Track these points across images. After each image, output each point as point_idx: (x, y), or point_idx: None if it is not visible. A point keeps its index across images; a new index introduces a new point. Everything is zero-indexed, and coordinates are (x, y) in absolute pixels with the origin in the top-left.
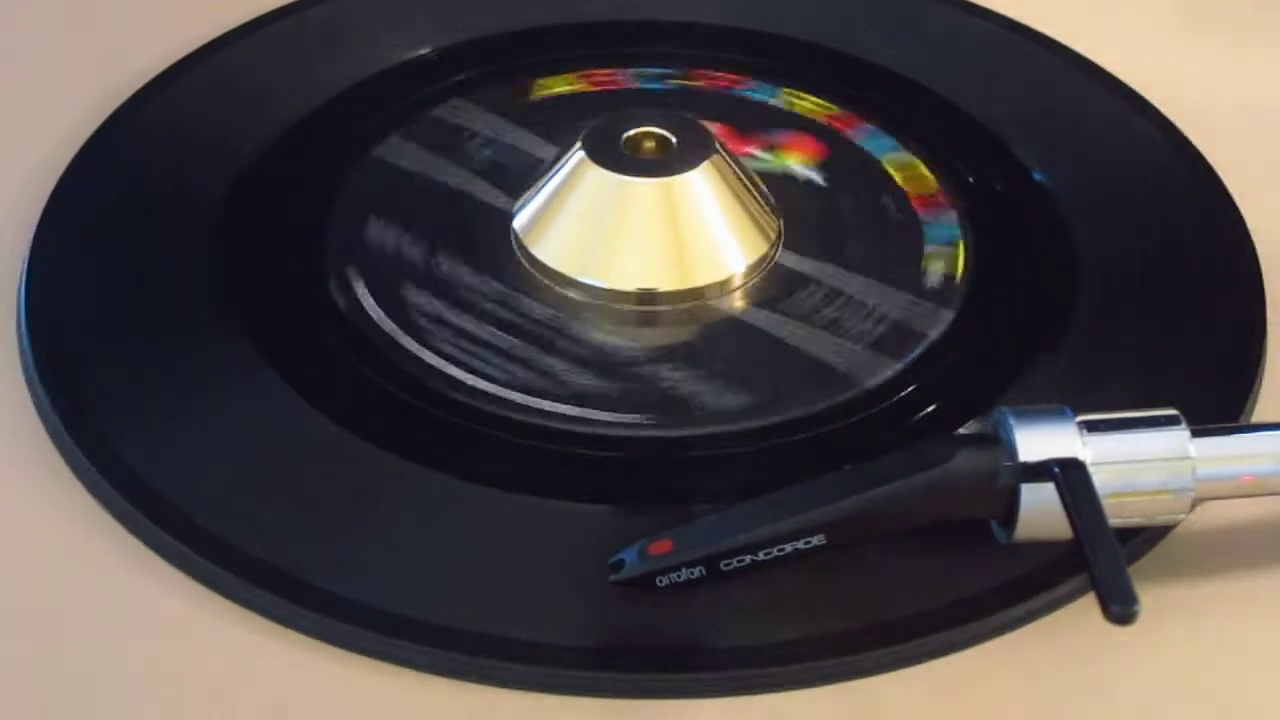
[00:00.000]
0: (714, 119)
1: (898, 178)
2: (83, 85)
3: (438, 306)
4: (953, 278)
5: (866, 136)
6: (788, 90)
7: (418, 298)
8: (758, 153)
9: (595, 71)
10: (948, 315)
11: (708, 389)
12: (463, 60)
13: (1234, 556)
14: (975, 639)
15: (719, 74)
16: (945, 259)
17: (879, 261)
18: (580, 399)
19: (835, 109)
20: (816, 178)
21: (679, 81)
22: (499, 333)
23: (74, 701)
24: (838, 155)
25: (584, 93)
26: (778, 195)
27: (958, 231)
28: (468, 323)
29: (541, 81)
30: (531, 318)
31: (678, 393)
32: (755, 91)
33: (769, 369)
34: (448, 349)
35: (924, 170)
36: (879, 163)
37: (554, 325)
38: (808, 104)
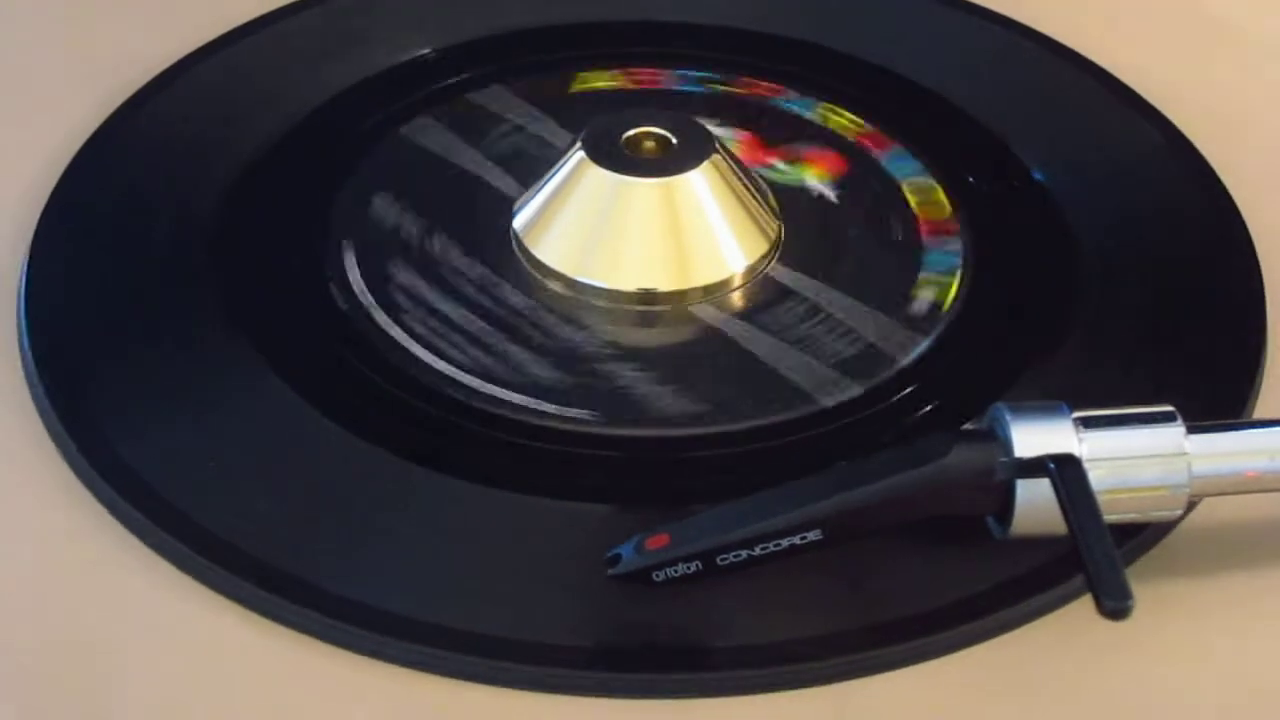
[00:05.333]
0: (741, 126)
1: (913, 201)
2: (81, 85)
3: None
4: (940, 306)
5: (892, 157)
6: (825, 105)
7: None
8: (778, 164)
9: (637, 69)
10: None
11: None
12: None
13: (1234, 556)
14: (975, 639)
15: (759, 81)
16: (939, 287)
17: (871, 282)
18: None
19: (866, 126)
20: (830, 194)
21: (720, 86)
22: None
23: (75, 701)
24: (857, 173)
25: (622, 89)
26: (786, 208)
27: (958, 260)
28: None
29: (582, 75)
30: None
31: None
32: (792, 103)
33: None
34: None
35: (941, 196)
36: (898, 185)
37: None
38: (842, 120)
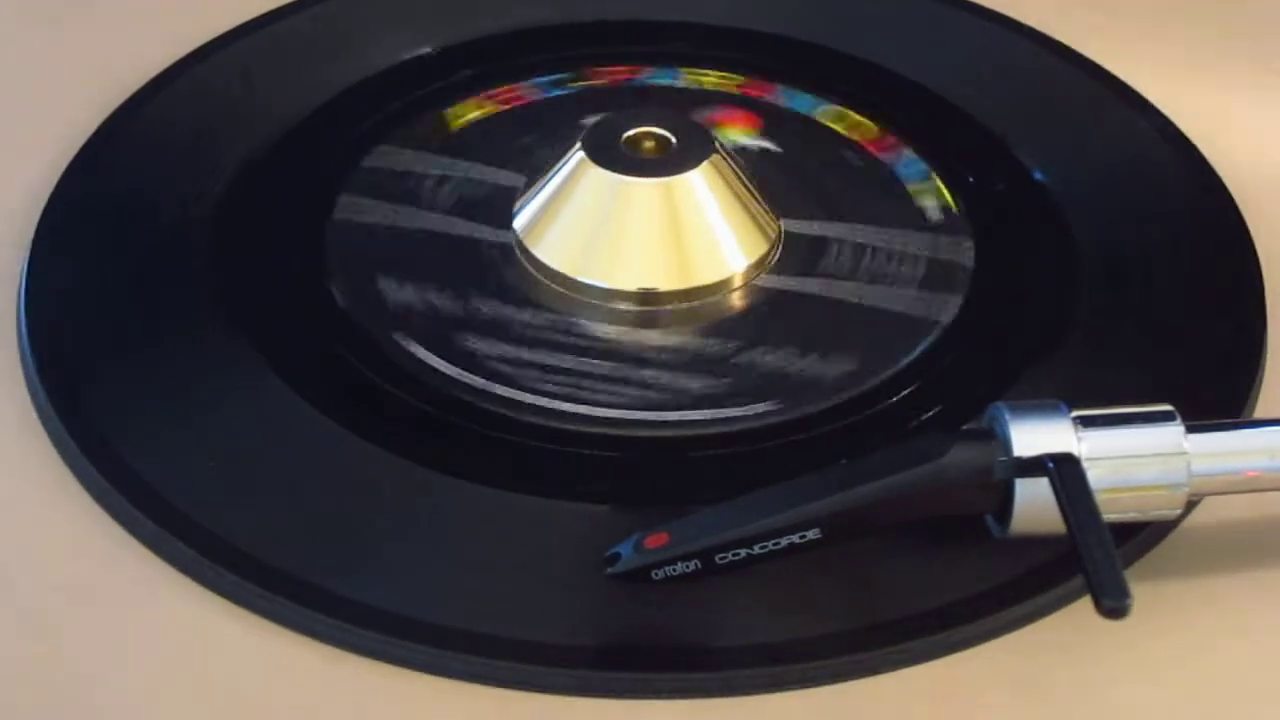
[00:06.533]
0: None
1: (839, 129)
2: (80, 86)
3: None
4: (949, 209)
5: (787, 99)
6: (689, 71)
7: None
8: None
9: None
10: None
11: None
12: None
13: (1234, 556)
14: (974, 639)
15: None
16: (931, 193)
17: (873, 210)
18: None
19: (740, 77)
20: (771, 146)
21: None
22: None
23: (75, 702)
24: (772, 121)
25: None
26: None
27: (925, 166)
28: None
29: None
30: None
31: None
32: (655, 77)
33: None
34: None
35: (857, 117)
36: (816, 120)
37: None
38: (713, 79)
